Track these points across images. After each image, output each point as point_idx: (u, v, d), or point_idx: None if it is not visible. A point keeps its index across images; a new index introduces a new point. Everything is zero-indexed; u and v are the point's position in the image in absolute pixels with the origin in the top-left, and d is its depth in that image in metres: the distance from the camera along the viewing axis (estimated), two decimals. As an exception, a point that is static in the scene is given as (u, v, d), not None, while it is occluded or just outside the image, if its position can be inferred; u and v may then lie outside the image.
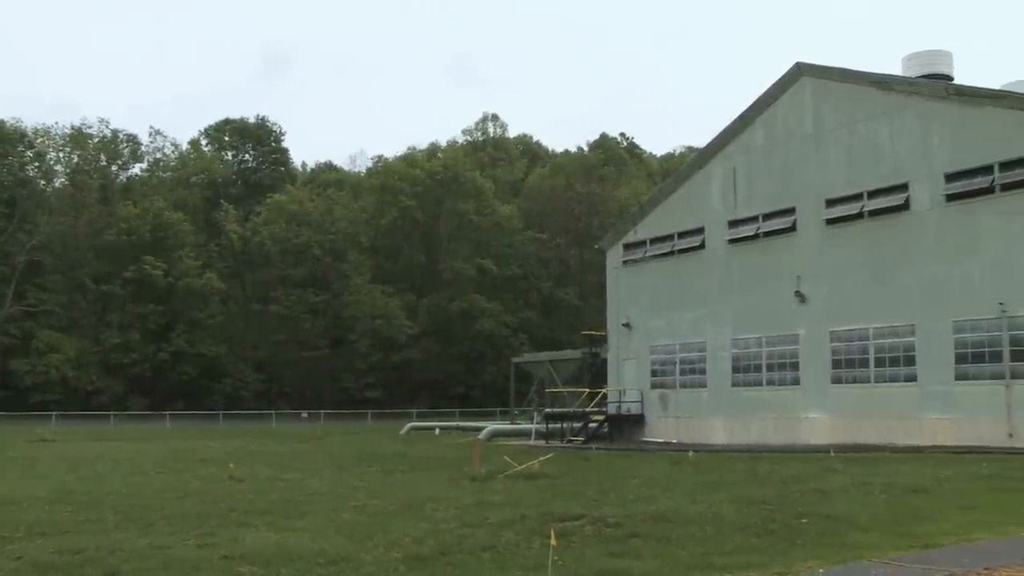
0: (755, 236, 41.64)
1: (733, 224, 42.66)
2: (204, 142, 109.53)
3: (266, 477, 25.70)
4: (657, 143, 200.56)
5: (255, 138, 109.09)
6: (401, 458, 33.88)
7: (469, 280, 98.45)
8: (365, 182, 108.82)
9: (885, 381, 36.13)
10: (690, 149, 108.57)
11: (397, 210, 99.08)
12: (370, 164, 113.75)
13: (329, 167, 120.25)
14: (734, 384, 42.00)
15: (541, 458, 26.88)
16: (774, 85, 41.31)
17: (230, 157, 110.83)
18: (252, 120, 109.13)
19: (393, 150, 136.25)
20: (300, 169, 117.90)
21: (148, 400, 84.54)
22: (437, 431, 58.48)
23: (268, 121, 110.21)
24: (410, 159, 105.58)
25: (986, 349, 33.04)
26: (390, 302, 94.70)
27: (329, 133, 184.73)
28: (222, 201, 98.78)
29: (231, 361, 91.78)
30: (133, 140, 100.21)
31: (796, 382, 39.38)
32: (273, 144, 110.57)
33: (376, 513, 17.22)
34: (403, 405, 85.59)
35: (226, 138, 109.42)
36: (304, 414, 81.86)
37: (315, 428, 66.92)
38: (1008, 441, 31.15)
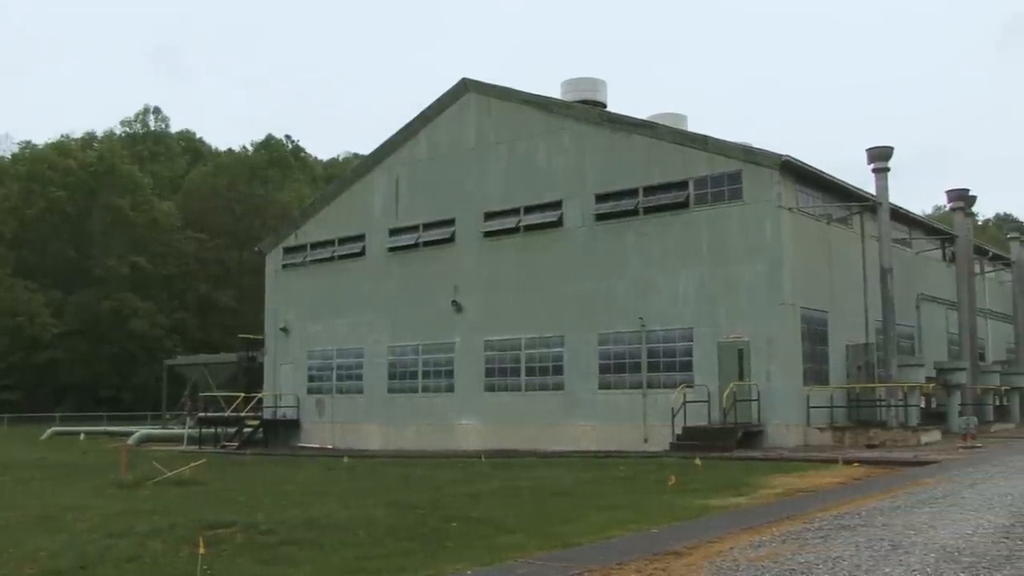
0: (415, 245, 42.36)
1: (394, 232, 43.22)
2: None
3: None
4: (322, 148, 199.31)
5: None
6: (40, 465, 32.22)
7: (122, 278, 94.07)
8: (10, 169, 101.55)
9: (535, 389, 37.72)
10: (355, 155, 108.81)
11: (45, 201, 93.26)
12: (16, 150, 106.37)
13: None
14: (390, 390, 42.52)
15: (193, 464, 26.37)
16: (440, 98, 42.22)
17: None
18: None
19: (47, 137, 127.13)
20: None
21: None
22: (82, 436, 55.74)
23: None
24: (62, 147, 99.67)
25: (627, 360, 35.25)
26: (33, 298, 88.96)
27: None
28: None
29: None
30: None
31: (451, 389, 40.36)
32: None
33: (8, 526, 16.26)
34: (46, 408, 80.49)
35: None
36: None
37: (-59, 433, 61.94)
38: (643, 445, 33.28)
